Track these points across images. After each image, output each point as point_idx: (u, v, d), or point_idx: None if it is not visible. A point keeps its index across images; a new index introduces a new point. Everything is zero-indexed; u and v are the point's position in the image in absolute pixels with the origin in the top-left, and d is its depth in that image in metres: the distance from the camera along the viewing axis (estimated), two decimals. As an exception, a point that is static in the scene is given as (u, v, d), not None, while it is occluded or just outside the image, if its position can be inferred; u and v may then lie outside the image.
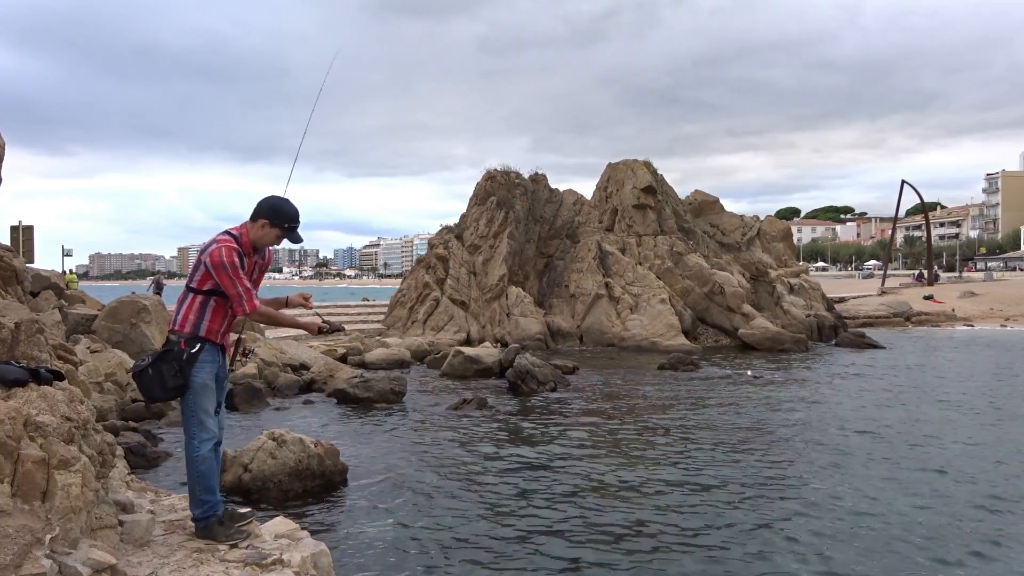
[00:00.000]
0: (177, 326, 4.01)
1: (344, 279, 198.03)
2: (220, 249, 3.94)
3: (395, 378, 15.93)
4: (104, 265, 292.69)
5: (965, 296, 44.34)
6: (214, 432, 4.07)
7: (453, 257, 30.67)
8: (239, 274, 3.95)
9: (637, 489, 8.75)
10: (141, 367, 3.97)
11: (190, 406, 3.99)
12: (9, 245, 11.51)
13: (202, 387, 3.99)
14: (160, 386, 3.92)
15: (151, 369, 3.92)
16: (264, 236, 4.12)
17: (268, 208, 4.12)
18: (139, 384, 4.00)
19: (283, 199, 4.20)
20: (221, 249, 3.94)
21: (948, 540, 7.00)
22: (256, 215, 4.12)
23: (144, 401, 4.27)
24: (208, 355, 4.01)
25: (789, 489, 8.70)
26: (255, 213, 4.12)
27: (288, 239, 4.20)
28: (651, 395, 15.88)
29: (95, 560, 3.08)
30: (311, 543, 4.10)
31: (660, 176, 32.65)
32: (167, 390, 3.93)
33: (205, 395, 4.01)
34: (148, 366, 3.93)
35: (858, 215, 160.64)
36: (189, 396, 3.97)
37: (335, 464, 9.11)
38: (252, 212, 4.14)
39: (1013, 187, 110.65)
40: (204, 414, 4.00)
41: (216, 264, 3.92)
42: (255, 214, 4.12)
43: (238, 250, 4.00)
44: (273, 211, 4.12)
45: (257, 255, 4.19)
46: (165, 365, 3.91)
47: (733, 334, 27.59)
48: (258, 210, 4.12)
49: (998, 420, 12.82)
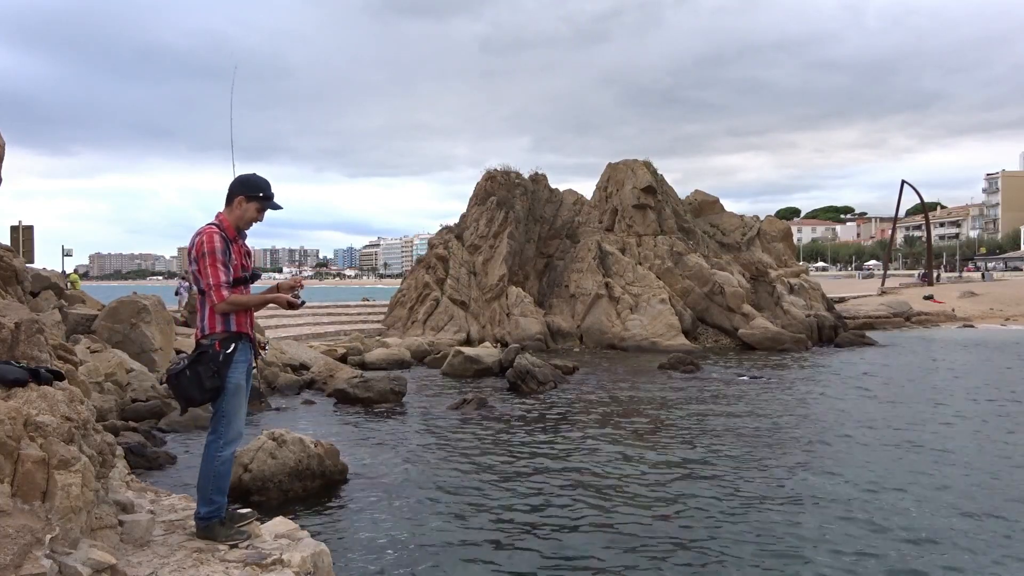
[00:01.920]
0: (208, 330, 3.99)
1: (344, 279, 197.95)
2: (203, 237, 3.98)
3: (395, 378, 15.92)
4: (104, 265, 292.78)
5: (965, 296, 44.36)
6: (241, 434, 4.13)
7: (453, 257, 30.67)
8: (216, 263, 3.95)
9: (637, 489, 8.75)
10: (177, 370, 3.95)
11: (223, 407, 4.01)
12: (9, 245, 11.52)
13: (236, 388, 4.02)
14: (198, 388, 3.92)
15: (188, 371, 3.92)
16: (244, 213, 4.13)
17: (239, 184, 4.15)
18: (176, 387, 3.97)
19: (249, 174, 4.23)
20: (203, 237, 3.98)
21: (948, 540, 7.00)
22: (230, 197, 4.15)
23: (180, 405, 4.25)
24: (242, 354, 4.05)
25: (790, 489, 8.69)
26: (228, 196, 4.15)
27: (269, 208, 4.22)
28: (651, 395, 15.88)
29: (95, 560, 3.08)
30: (311, 543, 4.09)
31: (660, 176, 32.67)
32: (204, 392, 3.93)
33: (238, 397, 4.04)
34: (185, 368, 3.93)
35: (858, 215, 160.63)
36: (224, 397, 3.99)
37: (335, 464, 9.11)
38: (225, 199, 4.17)
39: (1013, 187, 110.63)
40: (235, 416, 4.04)
41: (199, 254, 3.96)
42: (228, 197, 4.15)
43: (222, 235, 4.02)
44: (244, 185, 4.14)
45: (241, 239, 4.21)
46: (202, 367, 3.91)
47: (733, 334, 27.59)
48: (230, 192, 4.15)
49: (998, 420, 12.82)
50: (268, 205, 4.21)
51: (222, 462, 4.02)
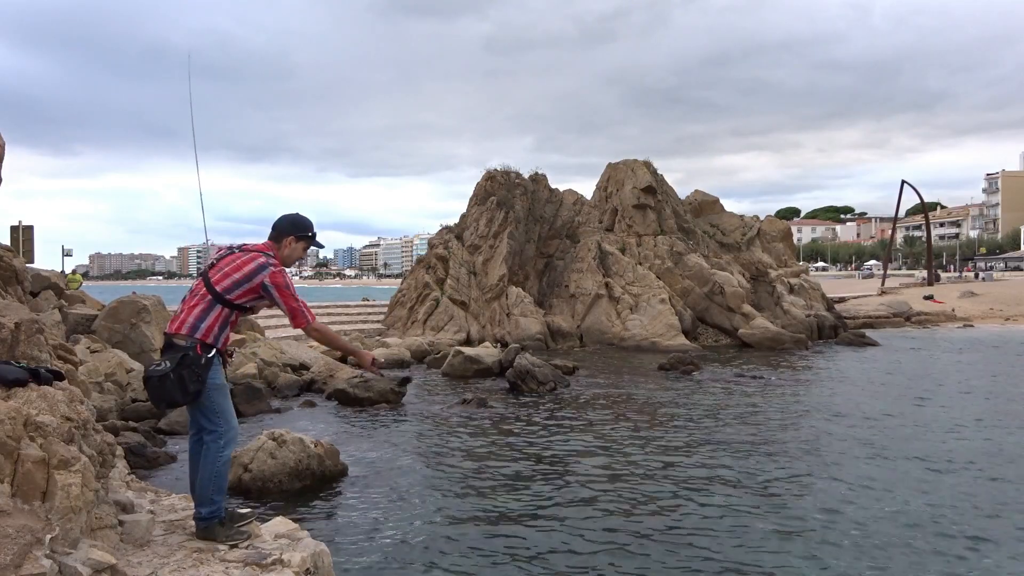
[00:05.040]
0: (200, 334, 3.99)
1: (344, 279, 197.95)
2: (280, 272, 4.14)
3: (395, 378, 15.94)
4: (104, 265, 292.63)
5: (965, 296, 44.35)
6: (238, 430, 4.18)
7: (453, 257, 30.67)
8: (296, 294, 4.15)
9: (638, 490, 8.75)
10: (161, 372, 3.93)
11: (214, 406, 4.03)
12: (9, 245, 11.52)
13: (221, 386, 4.06)
14: (182, 391, 3.92)
15: (172, 375, 3.91)
16: (293, 252, 4.34)
17: (290, 225, 4.32)
18: (158, 389, 3.95)
19: (297, 214, 4.41)
20: (280, 272, 4.15)
21: (949, 539, 7.00)
22: (281, 235, 4.30)
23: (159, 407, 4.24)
24: (218, 360, 4.10)
25: (790, 488, 8.69)
26: (279, 233, 4.30)
27: (314, 246, 4.46)
28: (651, 395, 15.88)
29: (95, 560, 3.08)
30: (311, 543, 4.09)
31: (660, 176, 32.67)
32: (187, 394, 3.94)
33: (224, 394, 4.09)
34: (170, 372, 3.92)
35: (858, 215, 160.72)
36: (211, 396, 4.00)
37: (335, 464, 9.12)
38: (273, 233, 4.32)
39: (1013, 187, 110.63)
40: (229, 412, 4.10)
41: (280, 285, 4.09)
42: (279, 234, 4.30)
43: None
44: (296, 227, 4.33)
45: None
46: (186, 371, 3.92)
47: (733, 334, 27.59)
48: (281, 230, 4.31)
49: (997, 418, 12.82)
50: (314, 244, 4.44)
51: (224, 462, 4.04)
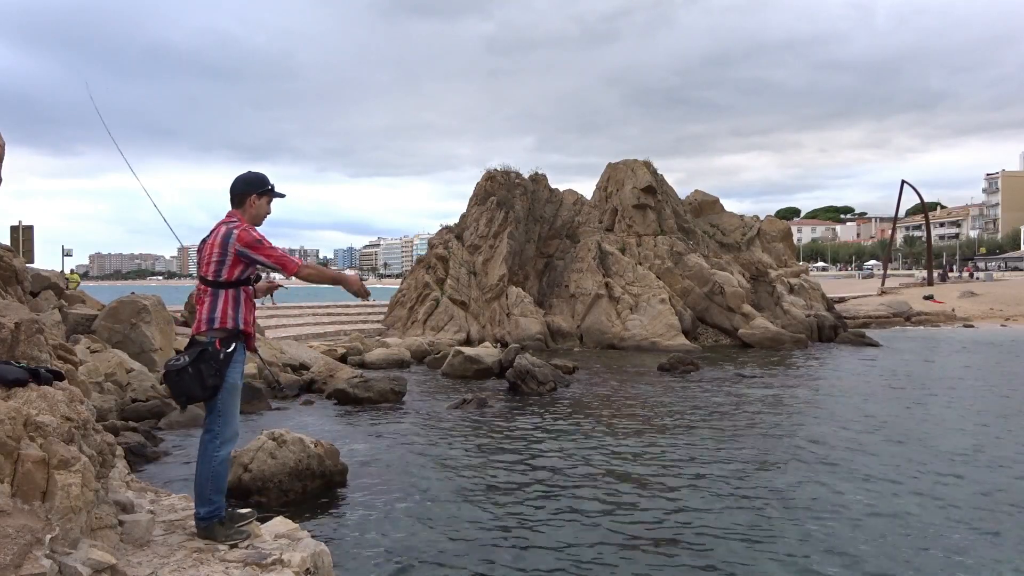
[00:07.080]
0: (217, 324, 3.99)
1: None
2: (245, 230, 4.04)
3: (395, 378, 15.93)
4: (104, 265, 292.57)
5: (965, 296, 44.36)
6: (237, 433, 4.16)
7: (453, 257, 30.67)
8: (270, 244, 4.05)
9: (638, 490, 8.75)
10: (179, 366, 3.93)
11: (219, 406, 4.01)
12: (9, 245, 11.53)
13: (234, 388, 4.05)
14: (200, 386, 3.92)
15: (191, 368, 3.92)
16: (260, 209, 4.24)
17: (246, 184, 4.21)
18: (177, 384, 3.94)
19: (249, 171, 4.33)
20: (246, 229, 4.04)
21: (949, 538, 7.00)
22: (242, 197, 4.20)
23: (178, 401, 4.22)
24: (240, 354, 4.07)
25: (790, 489, 8.69)
26: (239, 197, 4.20)
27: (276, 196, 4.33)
28: (651, 395, 15.88)
29: (95, 560, 3.08)
30: (311, 543, 4.09)
31: (660, 176, 32.67)
32: (205, 389, 3.93)
33: (235, 396, 4.07)
34: (188, 365, 3.92)
35: (858, 215, 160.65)
36: (220, 396, 3.99)
37: (335, 464, 9.11)
38: (234, 199, 4.21)
39: (1013, 187, 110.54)
40: (231, 414, 4.07)
41: (251, 242, 4.00)
42: (241, 197, 4.20)
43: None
44: (252, 184, 4.22)
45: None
46: (204, 365, 3.92)
47: (733, 334, 27.59)
48: (241, 191, 4.20)
49: (998, 418, 12.81)
50: (275, 195, 4.33)
51: (220, 462, 4.02)
